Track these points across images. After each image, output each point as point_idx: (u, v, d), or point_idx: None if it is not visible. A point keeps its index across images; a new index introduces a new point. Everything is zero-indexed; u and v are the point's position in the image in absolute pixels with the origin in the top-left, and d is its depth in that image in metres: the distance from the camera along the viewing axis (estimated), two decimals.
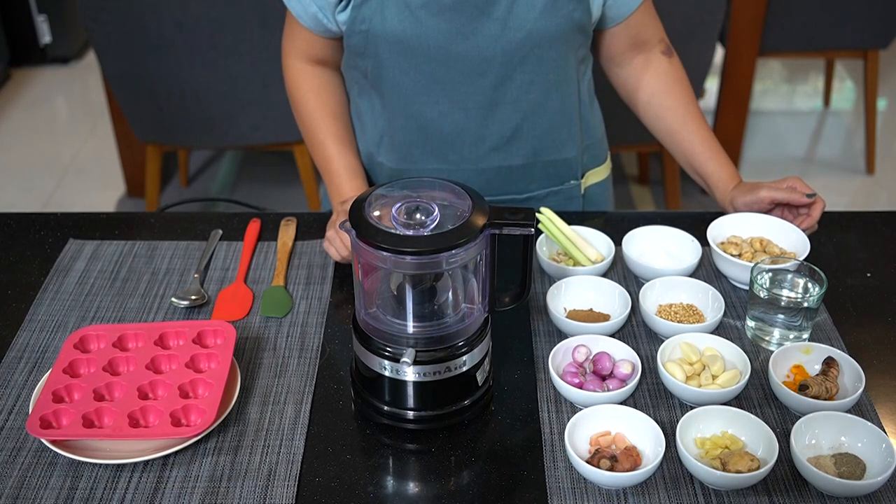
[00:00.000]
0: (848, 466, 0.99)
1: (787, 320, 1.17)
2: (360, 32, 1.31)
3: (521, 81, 1.34)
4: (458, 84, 1.33)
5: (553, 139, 1.42)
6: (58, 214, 1.47)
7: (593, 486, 0.99)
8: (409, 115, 1.37)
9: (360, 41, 1.33)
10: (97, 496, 0.98)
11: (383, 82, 1.36)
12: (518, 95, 1.35)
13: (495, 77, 1.32)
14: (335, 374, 1.15)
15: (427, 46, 1.29)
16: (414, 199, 1.01)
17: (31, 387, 1.13)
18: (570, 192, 1.50)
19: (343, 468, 1.02)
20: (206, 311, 1.25)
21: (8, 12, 3.99)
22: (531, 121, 1.38)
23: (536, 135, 1.40)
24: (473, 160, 1.40)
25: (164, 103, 2.57)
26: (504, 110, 1.36)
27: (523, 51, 1.31)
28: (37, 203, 3.26)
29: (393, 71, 1.33)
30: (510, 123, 1.37)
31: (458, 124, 1.36)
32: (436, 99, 1.34)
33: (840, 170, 3.50)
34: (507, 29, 1.28)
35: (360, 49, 1.34)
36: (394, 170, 1.44)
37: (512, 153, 1.40)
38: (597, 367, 1.11)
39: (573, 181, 1.49)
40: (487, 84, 1.33)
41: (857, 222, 1.45)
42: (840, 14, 3.03)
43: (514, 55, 1.31)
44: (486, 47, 1.29)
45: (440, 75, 1.32)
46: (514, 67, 1.32)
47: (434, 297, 1.05)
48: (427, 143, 1.39)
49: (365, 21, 1.29)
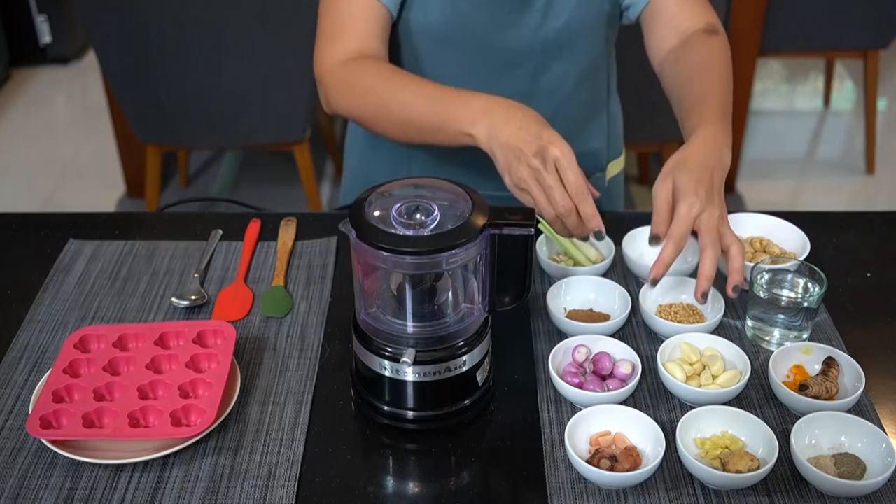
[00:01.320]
0: (848, 466, 0.99)
1: (787, 320, 1.17)
2: (401, 22, 1.32)
3: (556, 72, 1.35)
4: (496, 76, 1.34)
5: (583, 129, 1.44)
6: (58, 214, 1.47)
7: (593, 486, 0.99)
8: None
9: (400, 31, 1.33)
10: (97, 496, 0.98)
11: (419, 73, 1.36)
12: (553, 86, 1.36)
13: (533, 67, 1.34)
14: (335, 374, 1.15)
15: (468, 38, 1.30)
16: (414, 199, 1.01)
17: (31, 387, 1.13)
18: (595, 186, 1.48)
19: (343, 468, 1.02)
20: (206, 311, 1.25)
21: (8, 12, 3.99)
22: (564, 111, 1.39)
23: (569, 125, 1.39)
24: None
25: (164, 103, 2.57)
26: (539, 101, 1.36)
27: (560, 41, 1.32)
28: (37, 203, 3.26)
29: (431, 63, 1.34)
30: (544, 113, 1.35)
31: None
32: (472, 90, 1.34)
33: (840, 170, 3.50)
34: (546, 19, 1.30)
35: (399, 40, 1.35)
36: (426, 160, 1.43)
37: None
38: (597, 367, 1.12)
39: (598, 173, 1.50)
40: (524, 75, 1.34)
41: (857, 222, 1.45)
42: (840, 14, 3.03)
43: (551, 45, 1.32)
44: (525, 38, 1.31)
45: (478, 67, 1.33)
46: (551, 57, 1.33)
47: (434, 297, 1.05)
48: None
49: (407, 9, 1.30)
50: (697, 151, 1.13)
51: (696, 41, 1.31)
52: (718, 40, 1.32)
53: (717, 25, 1.35)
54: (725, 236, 1.12)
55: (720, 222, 1.11)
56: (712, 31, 1.34)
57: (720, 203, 1.12)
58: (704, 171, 1.11)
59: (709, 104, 1.20)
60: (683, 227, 1.10)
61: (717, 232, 1.10)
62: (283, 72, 2.51)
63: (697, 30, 1.34)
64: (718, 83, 1.24)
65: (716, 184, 1.12)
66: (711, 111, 1.19)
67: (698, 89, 1.24)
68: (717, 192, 1.11)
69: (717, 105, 1.20)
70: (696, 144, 1.14)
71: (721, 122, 1.18)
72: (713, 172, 1.12)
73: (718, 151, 1.14)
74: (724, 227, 1.12)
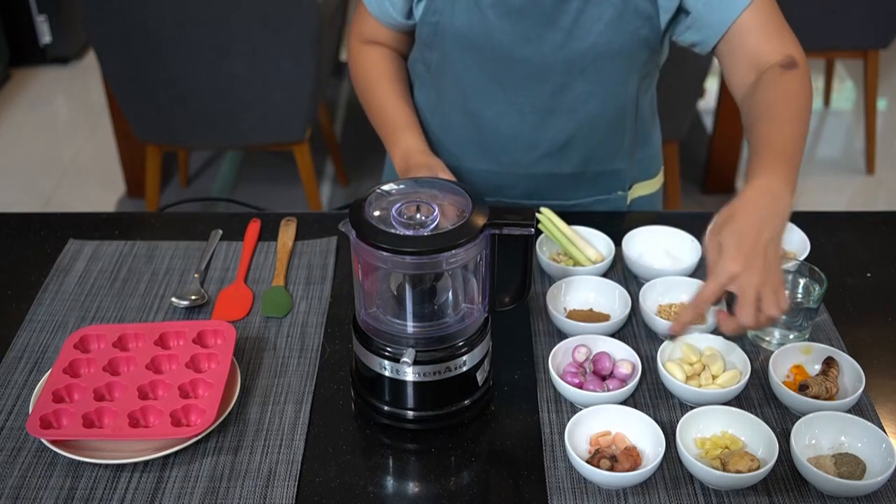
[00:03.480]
0: (848, 466, 0.99)
1: (787, 320, 1.16)
2: (430, 24, 1.33)
3: (579, 91, 1.33)
4: (518, 87, 1.33)
5: (605, 150, 1.41)
6: (58, 214, 1.47)
7: (593, 486, 0.99)
8: (466, 112, 1.38)
9: (429, 32, 1.34)
10: (97, 496, 0.98)
11: (445, 77, 1.37)
12: (575, 105, 1.35)
13: (554, 84, 1.33)
14: (335, 374, 1.15)
15: (491, 46, 1.30)
16: (414, 199, 1.01)
17: (31, 387, 1.13)
18: (615, 203, 1.48)
19: (343, 468, 1.02)
20: (206, 311, 1.25)
21: (8, 12, 3.99)
22: (585, 131, 1.38)
23: (589, 145, 1.39)
24: (525, 164, 1.41)
25: (164, 103, 2.57)
26: (560, 118, 1.36)
27: (584, 62, 1.30)
28: (37, 203, 3.25)
29: (456, 66, 1.34)
30: (565, 131, 1.37)
31: (513, 127, 1.37)
32: (494, 99, 1.35)
33: (840, 170, 3.50)
34: (571, 39, 1.28)
35: (428, 40, 1.36)
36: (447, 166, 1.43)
37: (563, 161, 1.40)
38: (597, 367, 1.11)
39: (620, 192, 1.48)
40: (546, 90, 1.33)
41: (857, 222, 1.45)
42: (840, 14, 3.03)
43: (574, 65, 1.30)
44: (548, 54, 1.30)
45: (501, 76, 1.33)
46: (574, 77, 1.32)
47: (434, 297, 1.05)
48: (481, 142, 1.40)
49: (436, 13, 1.31)
50: (748, 204, 1.06)
51: (770, 77, 1.23)
52: (794, 75, 1.23)
53: (797, 57, 1.25)
54: (765, 302, 1.02)
55: (762, 285, 1.01)
56: (790, 64, 1.24)
57: (764, 265, 1.02)
58: (751, 228, 1.03)
59: (771, 149, 1.13)
60: (708, 291, 1.03)
61: (753, 297, 1.01)
62: (283, 72, 2.51)
63: (774, 64, 1.24)
64: (786, 125, 1.17)
65: (762, 242, 1.02)
66: (773, 157, 1.12)
67: (765, 132, 1.16)
68: (762, 253, 1.02)
69: (780, 150, 1.13)
70: (749, 196, 1.07)
71: (782, 169, 1.10)
72: (761, 229, 1.03)
73: (772, 204, 1.06)
74: (766, 291, 1.01)
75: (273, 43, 2.44)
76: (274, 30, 2.42)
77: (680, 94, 2.66)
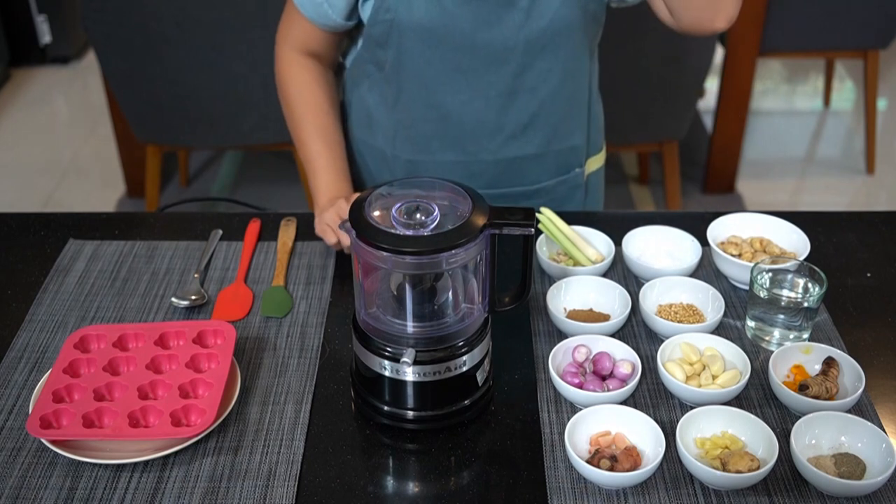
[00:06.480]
0: (848, 466, 0.99)
1: (787, 320, 1.17)
2: (383, 22, 1.32)
3: (539, 70, 1.36)
4: (481, 73, 1.35)
5: (565, 127, 1.45)
6: (58, 214, 1.47)
7: (593, 486, 0.99)
8: (429, 105, 1.38)
9: (382, 30, 1.33)
10: (97, 496, 0.98)
11: (403, 73, 1.36)
12: (536, 84, 1.37)
13: (516, 65, 1.34)
14: (335, 374, 1.15)
15: (452, 35, 1.31)
16: (414, 199, 1.01)
17: (31, 387, 1.13)
18: (574, 181, 1.52)
19: (343, 468, 1.02)
20: (206, 311, 1.25)
21: (8, 12, 3.99)
22: (547, 109, 1.41)
23: (551, 123, 1.43)
24: (491, 150, 1.42)
25: (164, 103, 2.57)
26: (522, 98, 1.38)
27: (544, 39, 1.33)
28: (37, 203, 3.26)
29: (416, 61, 1.34)
30: (527, 111, 1.40)
31: (478, 113, 1.38)
32: (458, 88, 1.36)
33: (840, 170, 3.50)
34: (530, 18, 1.30)
35: (381, 39, 1.35)
36: (410, 161, 1.45)
37: (527, 142, 1.43)
38: (597, 367, 1.12)
39: (577, 168, 1.52)
40: (508, 72, 1.35)
41: (857, 222, 1.45)
42: (840, 14, 3.03)
43: (535, 44, 1.33)
44: (509, 36, 1.31)
45: (464, 64, 1.34)
46: (534, 56, 1.34)
47: (434, 297, 1.05)
48: (446, 133, 1.41)
49: (390, 10, 1.30)
50: None
51: None
52: None
53: None
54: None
55: None
56: None
57: None
58: None
59: None
60: None
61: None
62: None
63: None
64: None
65: None
66: None
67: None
68: None
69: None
70: None
71: None
72: None
73: None
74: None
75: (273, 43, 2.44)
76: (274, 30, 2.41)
77: (680, 93, 2.66)
